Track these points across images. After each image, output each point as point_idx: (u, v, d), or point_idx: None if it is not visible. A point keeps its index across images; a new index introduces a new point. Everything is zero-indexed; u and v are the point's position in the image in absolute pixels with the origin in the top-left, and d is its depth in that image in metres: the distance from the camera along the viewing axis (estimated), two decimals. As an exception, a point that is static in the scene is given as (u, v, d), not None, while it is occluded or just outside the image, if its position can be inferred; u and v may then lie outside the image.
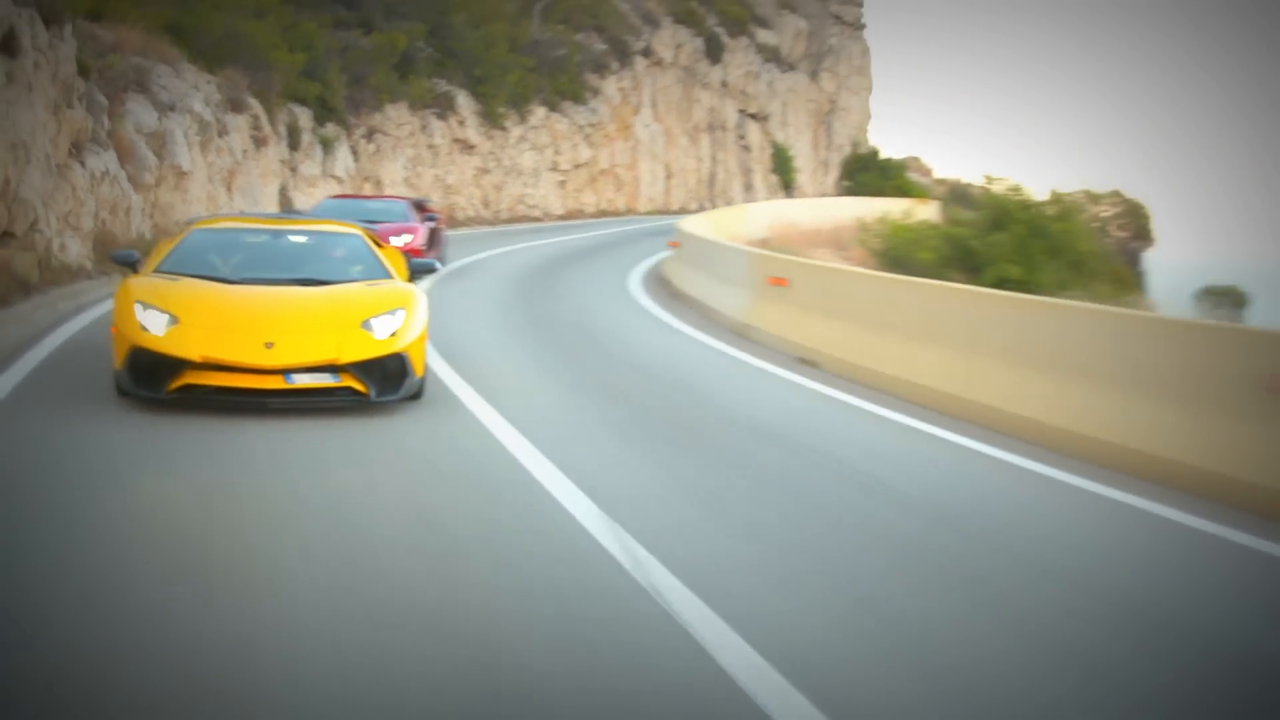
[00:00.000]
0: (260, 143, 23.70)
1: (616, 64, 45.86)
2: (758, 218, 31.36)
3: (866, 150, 53.29)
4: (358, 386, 7.16)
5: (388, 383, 7.27)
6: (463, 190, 36.40)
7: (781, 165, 58.44)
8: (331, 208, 17.66)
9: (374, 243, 8.93)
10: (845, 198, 46.98)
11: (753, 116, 57.93)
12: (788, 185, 58.47)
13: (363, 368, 7.16)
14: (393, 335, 7.31)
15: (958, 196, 39.75)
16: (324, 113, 29.10)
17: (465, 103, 36.52)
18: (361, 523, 5.10)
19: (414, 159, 34.21)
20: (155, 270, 7.93)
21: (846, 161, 54.78)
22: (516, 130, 39.13)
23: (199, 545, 4.74)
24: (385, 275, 8.32)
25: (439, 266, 8.72)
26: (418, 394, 7.63)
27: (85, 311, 11.29)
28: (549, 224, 37.86)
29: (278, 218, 9.55)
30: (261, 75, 24.36)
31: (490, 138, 37.76)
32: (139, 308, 7.11)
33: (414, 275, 8.75)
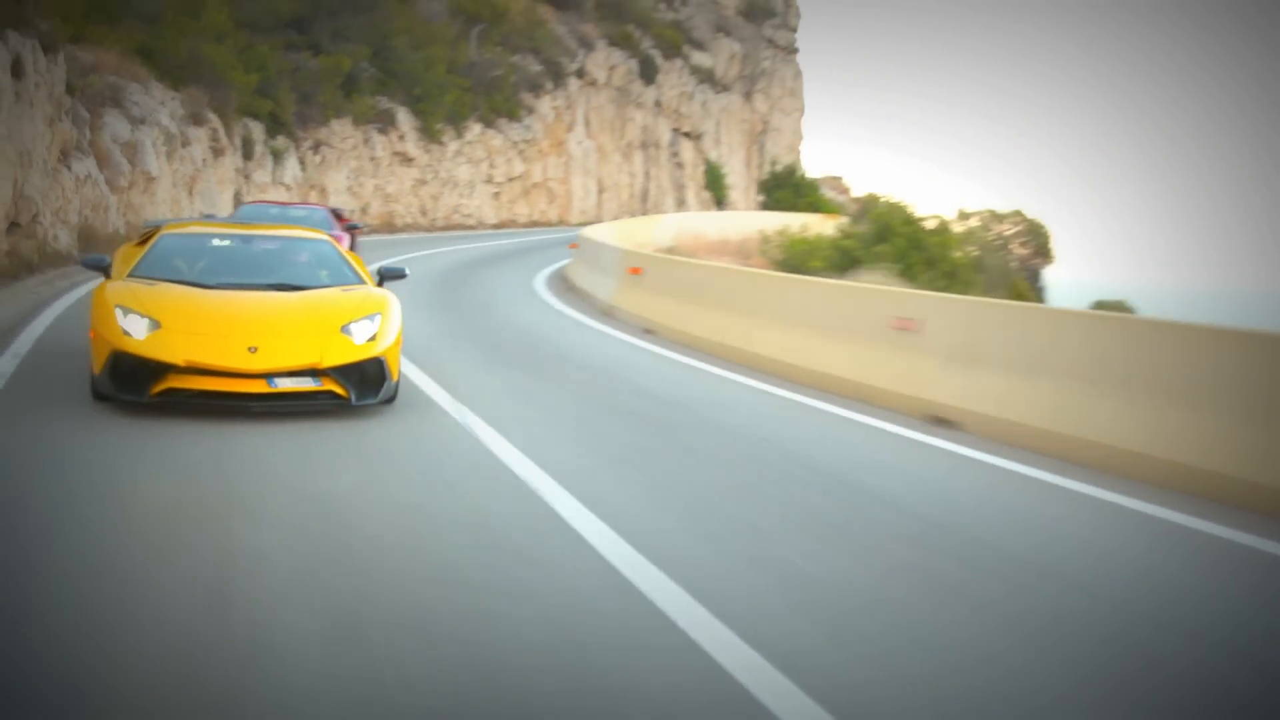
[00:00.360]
0: (218, 153, 26.55)
1: (551, 84, 48.54)
2: (666, 228, 33.45)
3: (783, 169, 56.66)
4: (338, 390, 7.26)
5: (367, 386, 7.38)
6: (401, 199, 39.18)
7: (714, 182, 61.01)
8: (251, 213, 16.95)
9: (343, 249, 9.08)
10: (758, 212, 48.76)
11: (686, 135, 60.56)
12: (720, 201, 60.86)
13: (343, 372, 7.26)
14: (371, 340, 7.44)
15: (866, 213, 42.68)
16: (275, 127, 31.91)
17: (405, 119, 39.22)
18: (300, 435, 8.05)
19: (356, 170, 36.98)
20: (130, 275, 7.99)
21: (764, 179, 58.07)
22: (453, 145, 41.72)
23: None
24: (356, 280, 8.42)
25: (408, 272, 9.18)
26: (393, 397, 7.75)
27: (76, 288, 14.16)
28: (482, 232, 40.62)
29: (209, 220, 10.15)
30: (220, 93, 27.12)
31: (428, 151, 40.37)
32: (120, 312, 7.13)
33: (382, 280, 8.73)
